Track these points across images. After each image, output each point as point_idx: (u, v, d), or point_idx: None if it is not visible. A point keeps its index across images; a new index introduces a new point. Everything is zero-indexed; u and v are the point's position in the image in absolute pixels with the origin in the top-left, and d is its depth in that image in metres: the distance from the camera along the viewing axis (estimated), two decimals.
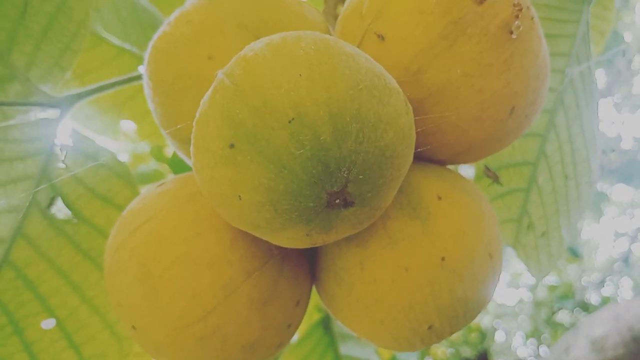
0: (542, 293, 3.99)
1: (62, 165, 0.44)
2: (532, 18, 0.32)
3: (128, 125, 0.84)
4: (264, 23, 0.34)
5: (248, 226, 0.27)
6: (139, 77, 0.48)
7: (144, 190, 0.35)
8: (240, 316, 0.30)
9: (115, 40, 0.72)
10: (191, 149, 0.27)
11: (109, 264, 0.33)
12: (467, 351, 3.97)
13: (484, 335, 4.07)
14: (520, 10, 0.31)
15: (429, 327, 0.32)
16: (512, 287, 4.30)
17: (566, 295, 3.89)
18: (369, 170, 0.25)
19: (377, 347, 0.80)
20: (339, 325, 0.76)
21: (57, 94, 0.45)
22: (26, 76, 0.44)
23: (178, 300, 0.30)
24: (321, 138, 0.24)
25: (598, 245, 4.55)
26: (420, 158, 0.35)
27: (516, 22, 0.31)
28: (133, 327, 0.31)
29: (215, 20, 0.34)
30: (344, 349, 0.76)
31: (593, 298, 3.91)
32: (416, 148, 0.30)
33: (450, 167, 0.38)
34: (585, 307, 3.76)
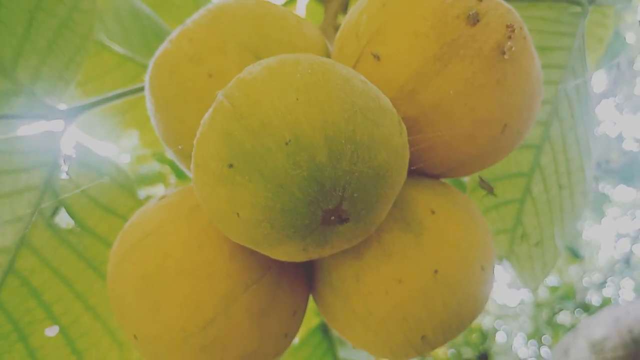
0: (543, 294, 3.99)
1: (65, 176, 0.45)
2: (524, 38, 0.33)
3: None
4: (263, 42, 0.35)
5: (246, 241, 0.28)
6: (141, 89, 0.49)
7: (146, 204, 0.36)
8: (239, 326, 0.31)
9: (118, 48, 0.73)
10: (192, 167, 0.28)
11: (112, 276, 0.34)
12: (468, 352, 3.97)
13: (485, 336, 4.07)
14: (513, 31, 0.32)
15: (422, 338, 0.33)
16: (513, 287, 4.30)
17: (567, 296, 3.89)
18: (363, 188, 0.26)
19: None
20: None
21: (61, 106, 0.46)
22: (31, 89, 0.45)
23: (179, 312, 0.31)
24: (317, 159, 0.25)
25: (599, 246, 4.55)
26: (415, 172, 0.36)
27: (508, 43, 0.31)
28: (135, 336, 0.32)
29: (216, 39, 0.35)
30: (343, 353, 0.77)
31: (594, 299, 3.91)
32: (410, 165, 0.31)
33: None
34: (587, 308, 3.76)
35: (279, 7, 0.38)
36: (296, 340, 0.77)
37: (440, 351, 3.79)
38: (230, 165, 0.25)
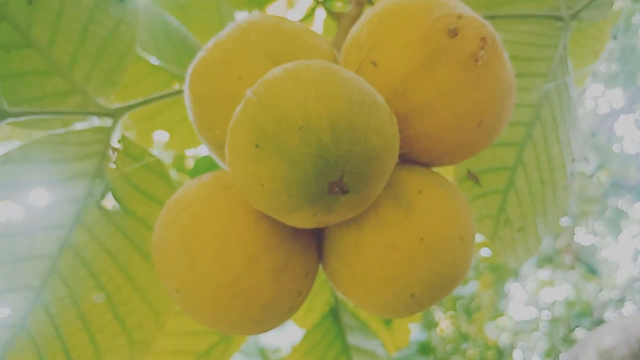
0: (559, 310, 3.99)
1: (113, 165, 0.53)
2: (496, 48, 0.40)
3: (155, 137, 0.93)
4: (283, 51, 0.42)
5: (268, 209, 0.36)
6: (177, 92, 0.56)
7: (186, 183, 0.44)
8: (260, 281, 0.39)
9: (150, 59, 0.81)
10: (226, 149, 0.36)
11: (158, 240, 0.41)
12: None
13: (501, 353, 4.07)
14: (485, 42, 0.39)
15: (411, 296, 0.39)
16: (530, 305, 4.29)
17: (584, 313, 3.89)
18: (360, 166, 0.33)
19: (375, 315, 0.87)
20: (347, 317, 0.83)
21: (109, 106, 0.54)
22: (84, 90, 0.53)
23: (213, 268, 0.38)
24: (323, 141, 0.32)
25: (618, 264, 4.52)
26: (408, 161, 0.43)
27: (481, 52, 0.39)
28: (176, 290, 0.40)
29: (244, 48, 0.42)
30: (352, 339, 0.83)
31: (612, 317, 3.89)
32: (401, 151, 0.38)
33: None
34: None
35: (296, 23, 0.46)
36: (307, 326, 0.84)
37: None
38: (257, 146, 0.33)
